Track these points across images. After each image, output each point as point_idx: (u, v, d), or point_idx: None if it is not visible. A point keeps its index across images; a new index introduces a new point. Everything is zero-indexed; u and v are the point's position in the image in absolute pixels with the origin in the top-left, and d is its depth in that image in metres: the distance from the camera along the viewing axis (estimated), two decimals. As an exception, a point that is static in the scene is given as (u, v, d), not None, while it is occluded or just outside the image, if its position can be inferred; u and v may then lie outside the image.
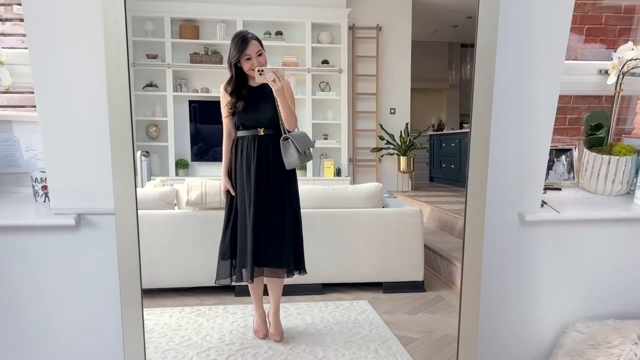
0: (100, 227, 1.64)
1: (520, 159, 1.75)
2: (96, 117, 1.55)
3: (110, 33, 1.39)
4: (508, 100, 1.69)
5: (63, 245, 1.64)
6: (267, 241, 2.56)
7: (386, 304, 3.17)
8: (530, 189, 1.78)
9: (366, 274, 3.41)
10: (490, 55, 1.47)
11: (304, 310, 3.01)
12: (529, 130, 1.72)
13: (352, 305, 3.11)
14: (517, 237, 1.82)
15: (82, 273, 1.67)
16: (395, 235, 3.38)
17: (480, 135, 1.58)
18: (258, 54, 2.45)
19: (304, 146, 2.52)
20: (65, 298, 1.70)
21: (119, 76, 1.41)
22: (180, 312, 2.99)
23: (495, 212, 1.73)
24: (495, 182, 1.69)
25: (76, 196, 1.62)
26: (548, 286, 1.89)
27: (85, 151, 1.61)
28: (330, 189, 3.47)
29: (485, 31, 1.46)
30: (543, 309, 1.90)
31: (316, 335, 2.68)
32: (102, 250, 1.65)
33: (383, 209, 3.44)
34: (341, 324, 2.82)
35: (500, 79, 1.61)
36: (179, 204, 3.43)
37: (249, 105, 2.51)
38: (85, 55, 1.58)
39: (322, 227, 3.33)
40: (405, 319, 2.91)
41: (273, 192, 2.56)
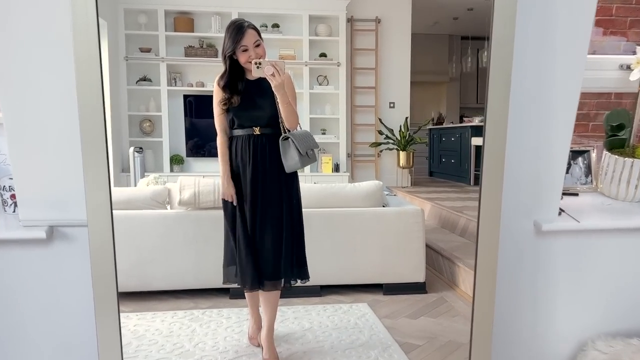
0: (75, 239, 1.48)
1: (537, 162, 1.60)
2: (68, 118, 1.40)
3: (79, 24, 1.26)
4: (525, 98, 1.54)
5: (34, 260, 1.48)
6: (265, 254, 2.31)
7: (387, 306, 3.06)
8: (548, 195, 1.63)
9: (366, 275, 3.30)
10: (507, 50, 1.33)
11: (302, 314, 2.90)
12: (547, 130, 1.58)
13: (351, 309, 3.00)
14: (532, 247, 1.68)
15: (56, 289, 1.51)
16: (396, 235, 3.27)
17: (496, 136, 1.43)
18: (255, 45, 2.19)
19: (306, 147, 2.25)
20: (37, 317, 1.55)
21: (90, 72, 1.27)
22: (172, 317, 2.87)
23: (509, 220, 1.59)
24: (509, 188, 1.54)
25: (48, 206, 1.46)
26: (565, 300, 1.76)
27: (57, 156, 1.46)
28: (329, 188, 3.35)
29: (502, 22, 1.31)
30: (559, 324, 1.77)
31: (314, 342, 2.56)
32: (77, 265, 1.49)
33: (383, 208, 3.32)
34: (340, 329, 2.71)
35: (517, 74, 1.46)
36: (172, 204, 3.32)
37: (245, 101, 2.23)
38: (55, 51, 1.43)
39: (320, 227, 3.22)
40: (407, 324, 2.80)
41: (271, 200, 2.30)
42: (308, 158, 2.26)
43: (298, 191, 2.40)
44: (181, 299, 3.18)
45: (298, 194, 2.40)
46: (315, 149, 2.34)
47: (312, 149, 2.30)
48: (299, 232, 2.39)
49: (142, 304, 3.09)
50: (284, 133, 2.25)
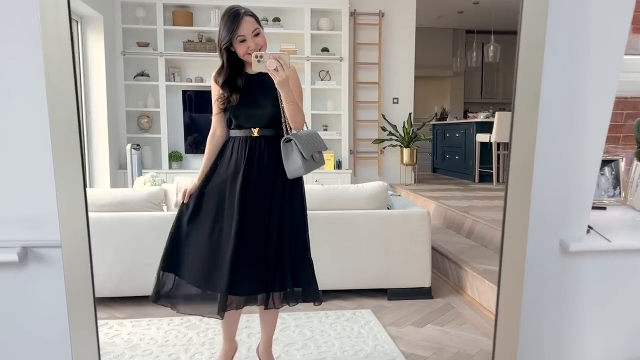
0: (52, 261, 1.33)
1: (564, 175, 1.45)
2: (43, 127, 1.26)
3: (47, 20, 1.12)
4: (555, 104, 1.39)
5: (5, 284, 1.33)
6: (247, 269, 1.98)
7: (391, 313, 2.94)
8: (575, 211, 1.48)
9: (369, 280, 3.18)
10: (538, 51, 1.19)
11: (303, 322, 2.78)
12: (577, 139, 1.43)
13: (354, 316, 2.88)
14: (557, 269, 1.52)
15: (30, 316, 1.36)
16: (401, 238, 3.15)
17: (523, 149, 1.27)
18: (254, 34, 1.92)
19: (311, 149, 1.97)
20: (10, 345, 1.41)
21: (61, 76, 1.13)
22: (168, 324, 2.76)
23: (532, 238, 1.44)
24: (533, 202, 1.39)
25: (20, 225, 1.31)
26: (593, 325, 1.62)
27: (31, 170, 1.31)
28: (331, 189, 3.22)
29: (532, 21, 1.17)
30: (587, 351, 1.64)
31: (316, 353, 2.44)
32: (54, 289, 1.34)
33: (388, 211, 3.20)
34: (343, 338, 2.59)
35: (546, 78, 1.31)
36: (168, 205, 3.19)
37: (244, 98, 1.98)
38: (25, 53, 1.29)
39: (322, 229, 3.10)
40: (413, 332, 2.68)
41: (260, 210, 1.99)
42: (314, 162, 2.00)
43: (301, 201, 2.09)
44: (178, 304, 3.06)
45: (302, 201, 2.10)
46: (323, 151, 2.07)
47: (318, 152, 2.03)
48: (301, 249, 2.09)
49: (137, 310, 2.97)
50: (287, 134, 2.00)
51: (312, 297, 2.14)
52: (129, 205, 3.09)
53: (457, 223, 4.27)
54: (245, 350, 2.45)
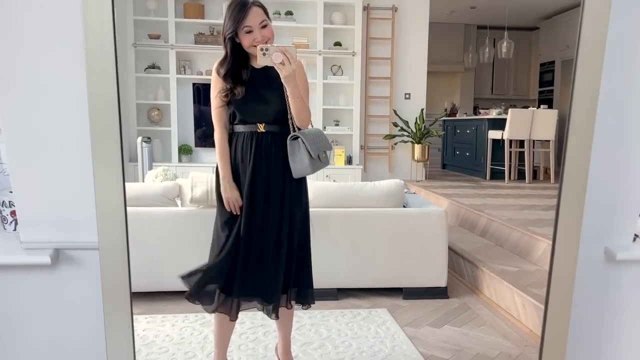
0: (85, 264, 1.28)
1: (614, 181, 1.40)
2: (78, 127, 1.21)
3: (91, 22, 1.09)
4: (610, 109, 1.34)
5: (37, 287, 1.29)
6: (260, 273, 1.94)
7: (407, 313, 2.91)
8: (623, 218, 1.41)
9: (385, 278, 3.15)
10: (598, 52, 1.14)
11: (319, 321, 2.75)
12: (628, 145, 1.38)
13: (370, 315, 2.85)
14: (602, 278, 1.47)
15: (62, 320, 1.31)
16: (417, 237, 3.11)
17: (580, 151, 1.21)
18: (262, 26, 1.83)
19: (318, 148, 1.91)
20: (42, 349, 1.36)
21: (103, 73, 1.10)
22: (183, 321, 2.74)
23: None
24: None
25: (53, 227, 1.27)
26: (637, 337, 1.58)
27: (64, 170, 1.27)
28: (347, 187, 3.19)
29: (595, 19, 1.11)
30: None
31: (334, 353, 2.42)
32: (86, 292, 1.30)
33: (404, 209, 3.16)
34: (360, 338, 2.57)
35: (603, 83, 1.26)
36: (183, 200, 3.16)
37: (249, 92, 1.89)
38: (66, 52, 1.24)
39: (337, 227, 3.06)
40: (430, 333, 2.65)
41: (274, 209, 1.94)
42: (320, 162, 1.93)
43: (306, 202, 2.05)
44: (192, 300, 3.04)
45: (306, 206, 2.05)
46: (328, 151, 1.99)
47: (324, 151, 1.96)
48: (304, 251, 2.04)
49: (151, 305, 2.96)
50: (293, 131, 1.92)
51: (310, 299, 2.10)
52: (144, 200, 3.06)
53: (471, 221, 4.23)
54: (263, 349, 2.43)
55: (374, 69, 6.40)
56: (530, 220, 3.80)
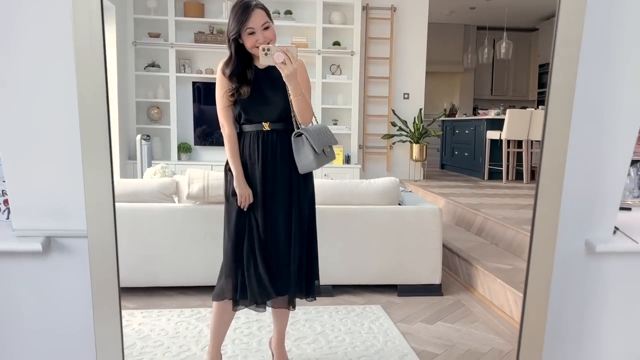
0: (75, 251, 1.32)
1: (592, 174, 1.41)
2: (68, 116, 1.24)
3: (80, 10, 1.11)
4: (587, 103, 1.36)
5: (28, 274, 1.33)
6: (277, 267, 2.00)
7: (401, 309, 2.94)
8: (603, 211, 1.44)
9: (380, 275, 3.17)
10: (574, 49, 1.17)
11: (313, 317, 2.78)
12: (607, 138, 1.40)
13: (364, 311, 2.87)
14: (582, 270, 1.49)
15: (53, 306, 1.35)
16: (412, 235, 3.13)
17: (556, 145, 1.24)
18: (264, 27, 1.88)
19: (322, 144, 1.95)
20: (33, 335, 1.39)
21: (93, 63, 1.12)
22: (179, 316, 2.77)
23: (559, 238, 1.42)
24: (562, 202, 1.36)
25: (45, 215, 1.31)
26: (617, 328, 1.59)
27: (56, 159, 1.31)
28: (343, 184, 3.21)
29: (570, 17, 1.14)
30: (609, 355, 1.61)
31: (327, 347, 2.44)
32: (77, 279, 1.33)
33: (400, 207, 3.18)
34: (354, 333, 2.59)
35: (580, 77, 1.28)
36: (180, 197, 3.19)
37: (253, 92, 1.95)
38: (55, 44, 1.26)
39: (333, 224, 3.09)
40: (423, 329, 2.67)
41: (282, 204, 1.99)
42: (325, 156, 1.97)
43: (313, 196, 2.10)
44: (188, 295, 3.07)
45: (313, 196, 2.10)
46: (333, 145, 2.04)
47: (329, 146, 2.00)
48: (312, 237, 2.09)
49: (147, 301, 2.98)
50: (297, 128, 1.97)
51: (314, 293, 2.13)
52: (141, 196, 3.09)
53: (467, 220, 4.26)
54: (256, 344, 2.45)
55: (373, 69, 6.42)
56: (525, 219, 3.82)
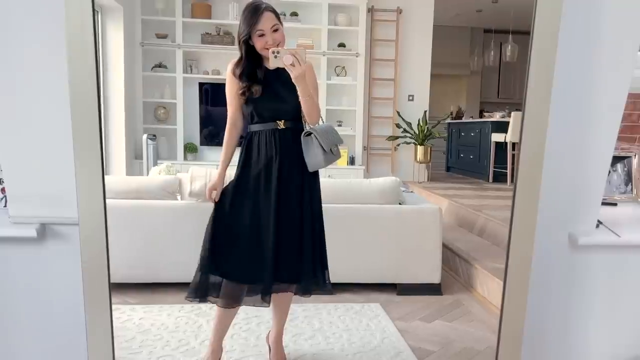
0: (69, 238, 1.36)
1: (575, 168, 1.43)
2: (63, 107, 1.29)
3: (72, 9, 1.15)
4: (568, 96, 1.38)
5: (24, 259, 1.37)
6: (288, 257, 2.05)
7: (400, 308, 2.96)
8: (585, 205, 1.46)
9: (379, 274, 3.19)
10: (551, 42, 1.19)
11: (312, 313, 2.80)
12: (588, 133, 1.41)
13: (363, 309, 2.90)
14: (566, 263, 1.51)
15: (47, 291, 1.40)
16: (412, 234, 3.15)
17: (534, 138, 1.28)
18: (273, 30, 1.94)
19: (330, 143, 2.01)
20: (27, 319, 1.44)
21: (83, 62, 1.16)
22: (179, 311, 2.80)
23: (540, 231, 1.43)
24: (542, 195, 1.38)
25: (40, 202, 1.35)
26: (600, 321, 1.60)
27: (51, 149, 1.35)
28: (344, 183, 3.24)
29: (547, 11, 1.17)
30: (592, 346, 1.62)
31: (324, 343, 2.47)
32: (70, 265, 1.37)
33: (400, 206, 3.21)
34: (351, 330, 2.61)
35: (559, 71, 1.31)
36: (182, 194, 3.23)
37: (267, 92, 2.01)
38: (49, 36, 1.31)
39: (333, 223, 3.07)
40: (421, 327, 2.69)
41: (296, 199, 2.05)
42: (332, 155, 2.04)
43: (319, 191, 2.16)
44: (189, 292, 3.10)
45: (319, 194, 2.16)
46: (339, 144, 2.11)
47: (336, 145, 2.07)
48: (322, 235, 2.18)
49: (148, 296, 3.02)
50: (305, 128, 2.05)
51: (326, 285, 2.21)
52: (144, 193, 3.13)
53: (469, 221, 4.26)
54: (255, 339, 2.49)
55: (378, 71, 6.45)
56: (526, 220, 3.81)
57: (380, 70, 6.46)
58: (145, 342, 2.44)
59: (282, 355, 2.28)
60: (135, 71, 5.86)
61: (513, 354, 1.37)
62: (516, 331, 1.38)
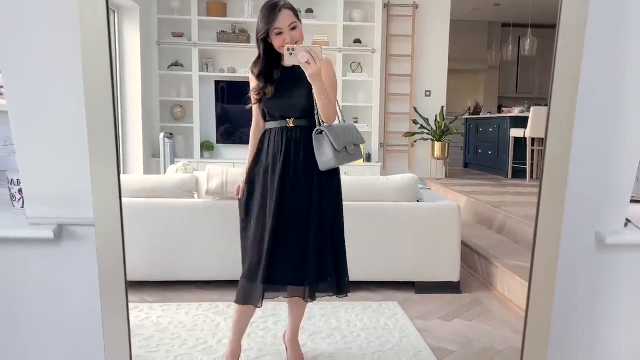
0: (86, 239, 1.35)
1: (603, 164, 1.38)
2: (78, 107, 1.28)
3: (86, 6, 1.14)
4: (595, 92, 1.33)
5: (41, 260, 1.37)
6: (286, 257, 2.00)
7: (419, 306, 2.92)
8: (613, 203, 1.40)
9: (397, 272, 3.16)
10: (578, 36, 1.15)
11: (329, 312, 2.79)
12: (617, 129, 1.37)
13: (381, 307, 2.87)
14: (592, 263, 1.46)
15: (64, 292, 1.39)
16: (431, 232, 3.12)
17: (561, 135, 1.22)
18: (291, 27, 1.90)
19: (344, 142, 1.95)
20: (44, 320, 1.43)
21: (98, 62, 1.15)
22: (197, 309, 2.80)
23: (565, 230, 1.39)
24: (569, 194, 1.34)
25: (57, 203, 1.35)
26: (628, 322, 1.55)
27: (67, 150, 1.34)
28: (361, 180, 3.21)
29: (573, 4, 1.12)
30: (620, 351, 1.58)
31: (342, 342, 2.45)
32: (87, 266, 1.36)
33: (417, 204, 3.17)
34: (369, 329, 2.59)
35: (586, 64, 1.26)
36: (199, 193, 3.23)
37: (278, 90, 1.99)
38: (66, 36, 1.30)
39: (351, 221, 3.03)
40: (440, 326, 2.66)
41: (301, 196, 2.00)
42: (348, 155, 1.97)
43: (338, 191, 2.11)
44: (207, 290, 3.11)
45: (338, 195, 2.11)
46: (360, 144, 2.05)
47: (352, 144, 2.00)
48: (339, 240, 2.12)
49: (166, 295, 3.03)
50: (319, 126, 1.99)
51: (345, 289, 2.13)
52: (161, 191, 3.14)
53: (488, 218, 4.21)
54: (272, 338, 2.47)
55: (394, 66, 6.40)
56: (547, 217, 3.75)
57: (396, 66, 6.40)
58: (163, 340, 2.44)
59: (299, 354, 2.27)
60: (152, 70, 5.89)
61: (539, 357, 1.33)
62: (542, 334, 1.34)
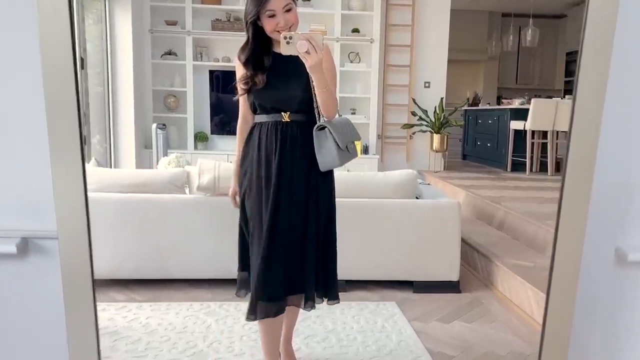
0: (52, 253, 1.25)
1: (626, 177, 1.29)
2: (42, 115, 1.16)
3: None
4: (620, 97, 1.23)
5: (4, 277, 1.26)
6: (288, 264, 1.86)
7: (417, 307, 2.83)
8: (635, 217, 1.33)
9: (395, 271, 3.07)
10: (608, 31, 1.03)
11: (325, 313, 2.69)
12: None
13: (378, 308, 2.78)
14: (611, 280, 1.37)
15: (30, 311, 1.28)
16: (429, 230, 3.02)
17: (586, 141, 1.10)
18: (286, 10, 1.71)
19: (346, 139, 1.80)
20: (9, 338, 1.33)
21: (58, 45, 1.02)
22: (188, 309, 2.71)
23: (585, 245, 1.29)
24: (590, 205, 1.23)
25: (21, 214, 1.24)
26: None
27: (31, 157, 1.22)
28: (358, 176, 3.11)
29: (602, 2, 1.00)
30: None
31: (337, 347, 2.35)
32: (54, 282, 1.26)
33: (416, 200, 3.07)
34: (366, 332, 2.50)
35: (615, 62, 1.14)
36: (191, 188, 3.12)
37: (271, 79, 1.78)
38: (23, 37, 1.17)
39: (347, 218, 2.97)
40: (439, 329, 2.57)
41: (298, 200, 1.84)
42: (348, 153, 1.82)
43: (332, 193, 1.94)
44: (198, 288, 3.01)
45: (331, 197, 1.94)
46: (357, 141, 1.89)
47: (352, 142, 1.84)
48: (330, 244, 1.96)
49: (157, 293, 2.93)
50: (319, 121, 1.80)
51: (335, 296, 2.03)
52: (152, 186, 3.03)
53: (488, 214, 4.11)
54: (265, 341, 2.38)
55: (393, 57, 6.26)
56: (548, 213, 3.66)
57: (395, 57, 6.27)
58: (151, 344, 2.34)
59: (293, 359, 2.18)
60: (145, 59, 5.75)
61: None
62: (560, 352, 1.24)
